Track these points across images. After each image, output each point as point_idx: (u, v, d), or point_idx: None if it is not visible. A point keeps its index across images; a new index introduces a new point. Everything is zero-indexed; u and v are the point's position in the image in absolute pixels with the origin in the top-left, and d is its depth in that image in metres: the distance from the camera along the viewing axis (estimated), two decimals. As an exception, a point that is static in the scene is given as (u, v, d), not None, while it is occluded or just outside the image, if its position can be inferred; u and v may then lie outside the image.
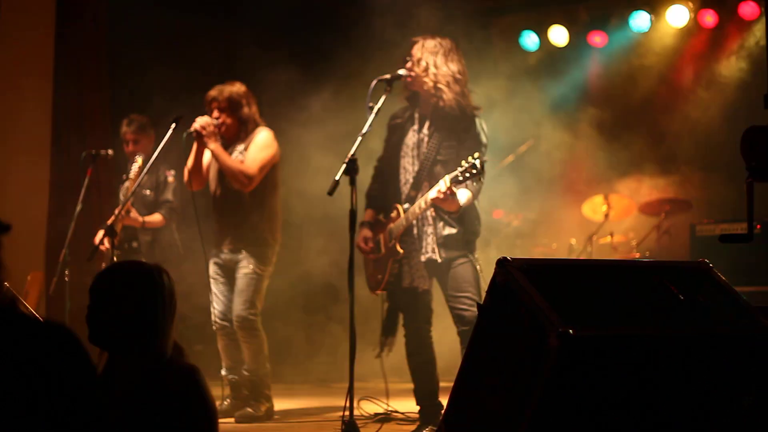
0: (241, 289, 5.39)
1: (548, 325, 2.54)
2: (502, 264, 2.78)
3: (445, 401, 3.16)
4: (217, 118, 5.41)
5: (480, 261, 4.71)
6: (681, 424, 2.75)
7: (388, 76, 4.67)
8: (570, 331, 2.49)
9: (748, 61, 7.72)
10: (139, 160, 5.99)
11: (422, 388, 4.78)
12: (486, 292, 2.85)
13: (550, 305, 2.59)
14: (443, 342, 4.99)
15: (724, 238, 2.91)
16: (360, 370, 4.29)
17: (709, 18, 7.74)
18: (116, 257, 5.54)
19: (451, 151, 4.61)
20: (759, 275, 6.56)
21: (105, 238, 5.57)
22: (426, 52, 4.71)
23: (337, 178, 4.29)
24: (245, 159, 5.39)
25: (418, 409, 4.82)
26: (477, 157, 4.23)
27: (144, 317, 2.57)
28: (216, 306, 5.48)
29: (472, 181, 4.28)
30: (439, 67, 4.67)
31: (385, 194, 4.84)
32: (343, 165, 4.29)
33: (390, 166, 4.84)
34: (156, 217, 6.26)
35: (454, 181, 4.28)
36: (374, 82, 4.62)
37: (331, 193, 4.32)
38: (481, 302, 4.41)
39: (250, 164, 5.36)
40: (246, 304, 5.36)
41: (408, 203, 4.65)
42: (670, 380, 2.71)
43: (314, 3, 8.48)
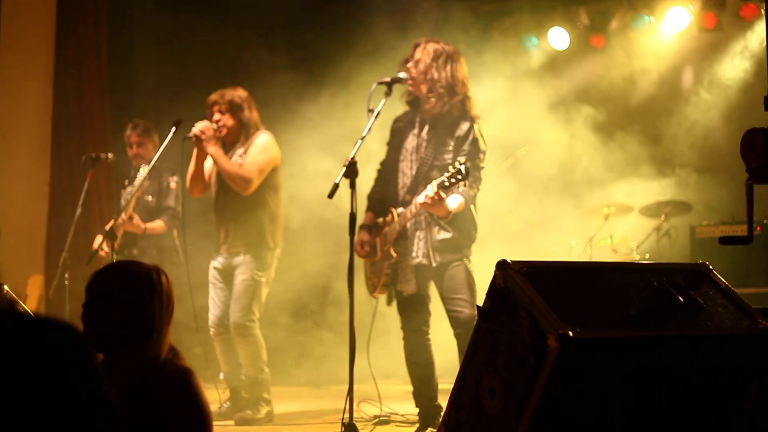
0: (237, 296, 5.37)
1: (548, 326, 2.54)
2: (502, 266, 2.78)
3: (444, 403, 3.16)
4: (217, 122, 5.41)
5: (479, 263, 4.71)
6: (681, 426, 2.75)
7: (389, 80, 4.67)
8: (569, 333, 2.49)
9: (749, 63, 7.73)
10: (145, 169, 5.98)
11: (421, 391, 4.78)
12: (486, 294, 2.85)
13: (549, 307, 2.59)
14: (442, 344, 4.98)
15: (724, 240, 2.90)
16: (358, 372, 4.28)
17: (709, 20, 7.75)
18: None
19: (449, 156, 4.61)
20: (759, 277, 6.57)
21: (104, 242, 5.57)
22: (427, 55, 4.70)
23: (337, 181, 4.29)
24: (244, 162, 5.39)
25: (417, 412, 4.81)
26: (463, 163, 4.23)
27: (140, 318, 2.54)
28: (212, 311, 5.46)
29: (461, 186, 4.27)
30: (439, 72, 4.66)
31: (384, 197, 4.85)
32: (343, 168, 4.30)
33: (390, 169, 4.84)
34: (158, 224, 6.26)
35: (440, 187, 4.28)
36: (374, 86, 4.62)
37: (331, 196, 4.33)
38: (476, 304, 4.46)
39: (248, 167, 5.36)
40: (243, 311, 5.34)
41: (403, 207, 4.65)
42: (669, 382, 2.71)
43: (312, 5, 8.49)
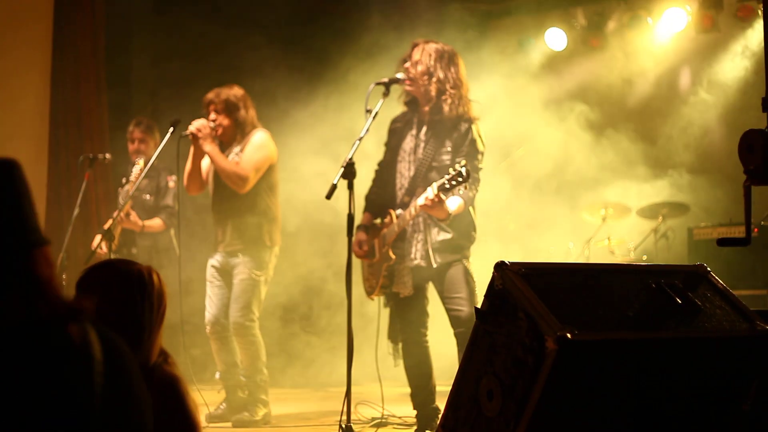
0: (237, 295, 5.37)
1: (546, 328, 2.53)
2: (500, 267, 2.77)
3: (442, 405, 3.15)
4: (213, 120, 5.41)
5: (477, 264, 4.70)
6: (679, 428, 2.75)
7: (386, 80, 4.66)
8: (568, 335, 2.48)
9: (746, 63, 7.73)
10: (140, 163, 6.00)
11: (419, 393, 4.77)
12: (484, 295, 2.85)
13: (548, 309, 2.59)
14: (440, 346, 4.97)
15: (722, 242, 2.90)
16: (355, 374, 4.27)
17: (706, 20, 7.75)
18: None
19: (447, 157, 4.60)
20: (756, 279, 6.57)
21: (102, 242, 5.57)
22: (426, 56, 4.69)
23: (335, 181, 4.29)
24: (240, 160, 5.39)
25: (415, 414, 4.80)
26: (463, 165, 4.22)
27: (129, 318, 2.42)
28: (209, 309, 5.45)
29: (461, 188, 4.27)
30: (438, 73, 4.65)
31: (382, 198, 4.84)
32: (341, 169, 4.29)
33: (388, 170, 4.83)
34: (156, 222, 6.26)
35: (440, 189, 4.27)
36: (372, 86, 4.61)
37: (329, 197, 4.32)
38: (474, 303, 4.45)
39: (245, 165, 5.35)
40: (242, 311, 5.34)
41: (401, 209, 4.64)
42: (668, 384, 2.71)
43: (309, 5, 8.48)
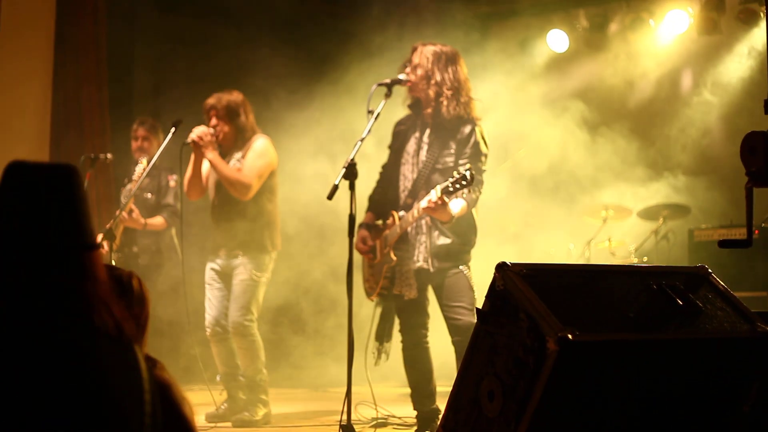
0: (237, 295, 5.37)
1: (547, 329, 2.53)
2: (502, 268, 2.77)
3: (442, 406, 3.15)
4: (214, 126, 5.42)
5: (477, 266, 4.70)
6: (680, 429, 2.75)
7: (388, 81, 4.66)
8: (569, 336, 2.48)
9: (748, 65, 7.73)
10: (143, 162, 6.02)
11: (419, 393, 4.77)
12: (485, 296, 2.85)
13: (549, 309, 2.59)
14: (441, 347, 4.97)
15: (724, 244, 2.90)
16: (356, 375, 4.27)
17: (708, 22, 7.75)
18: (115, 261, 5.54)
19: (450, 159, 4.60)
20: (757, 281, 6.57)
21: (103, 241, 5.57)
22: (424, 59, 4.69)
23: (336, 182, 4.29)
24: (242, 167, 5.40)
25: (415, 414, 4.81)
26: (468, 168, 4.21)
27: None
28: (209, 311, 5.46)
29: (465, 191, 4.26)
30: (438, 75, 4.65)
31: (385, 200, 4.84)
32: (343, 169, 4.29)
33: (391, 172, 4.83)
34: (158, 220, 6.29)
35: (444, 192, 4.27)
36: (374, 87, 4.61)
37: (330, 197, 4.33)
38: (473, 312, 4.45)
39: (247, 173, 5.37)
40: (242, 311, 5.35)
41: (404, 210, 4.64)
42: (669, 385, 2.71)
43: (311, 7, 8.48)
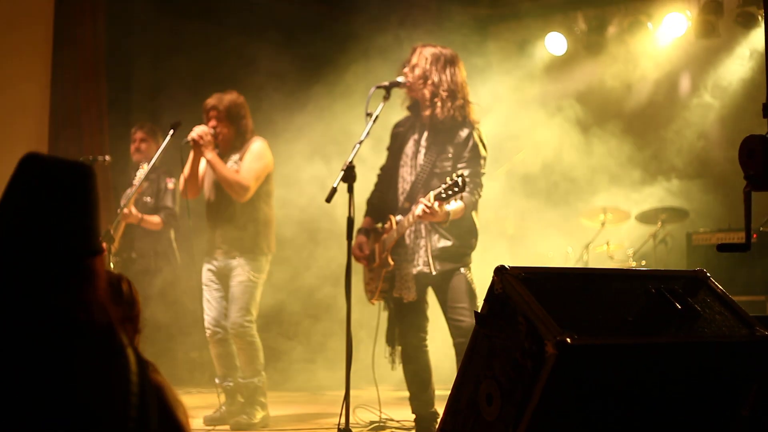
0: (236, 297, 5.38)
1: (546, 332, 2.53)
2: (500, 272, 2.77)
3: (441, 409, 3.15)
4: (214, 127, 5.42)
5: (477, 269, 4.70)
6: (678, 433, 2.75)
7: (387, 83, 4.66)
8: (567, 340, 2.48)
9: (749, 67, 7.73)
10: (145, 167, 6.02)
11: (418, 397, 4.76)
12: (484, 299, 2.84)
13: (547, 313, 2.59)
14: (440, 350, 4.97)
15: (722, 248, 2.90)
16: (353, 378, 4.26)
17: (706, 25, 7.75)
18: (113, 264, 5.53)
19: (448, 164, 4.59)
20: (755, 285, 6.57)
21: (102, 244, 5.58)
22: (424, 59, 4.68)
23: (335, 185, 4.28)
24: (241, 169, 5.41)
25: (413, 418, 4.80)
26: (460, 175, 4.21)
27: None
28: (209, 312, 5.47)
29: (457, 198, 4.26)
30: (435, 75, 4.64)
31: (384, 203, 4.83)
32: (341, 172, 4.29)
33: (390, 174, 4.83)
34: (154, 219, 6.31)
35: (437, 198, 4.27)
36: (372, 90, 4.61)
37: (329, 200, 4.32)
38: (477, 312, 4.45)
39: (246, 175, 5.38)
40: (241, 311, 5.36)
41: (402, 214, 4.63)
42: (667, 389, 2.71)
43: (309, 9, 8.47)
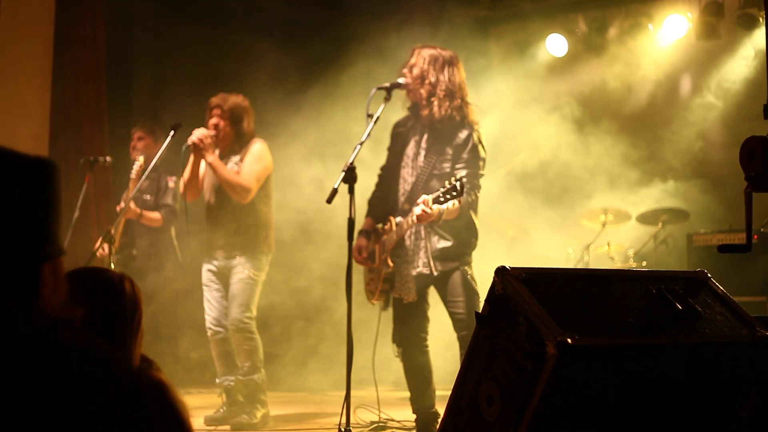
0: (237, 294, 5.41)
1: (546, 333, 2.53)
2: (501, 272, 2.77)
3: (441, 410, 3.15)
4: (216, 125, 5.44)
5: (478, 270, 4.70)
6: (679, 433, 2.75)
7: (387, 85, 4.66)
8: (568, 340, 2.48)
9: (751, 69, 7.73)
10: (140, 160, 6.02)
11: (418, 397, 4.77)
12: (484, 300, 2.85)
13: (548, 314, 2.59)
14: (440, 351, 4.97)
15: (723, 248, 2.90)
16: (354, 378, 4.27)
17: (707, 27, 7.75)
18: (114, 263, 5.54)
19: (447, 165, 4.60)
20: (756, 285, 6.57)
21: (103, 244, 5.58)
22: (423, 60, 4.69)
23: (336, 186, 4.29)
24: (241, 171, 5.43)
25: (414, 418, 4.80)
26: (458, 179, 4.22)
27: (102, 328, 2.32)
28: (210, 312, 5.49)
29: (455, 201, 4.27)
30: (433, 76, 4.64)
31: (385, 203, 4.84)
32: (342, 173, 4.29)
33: (391, 175, 4.83)
34: (155, 215, 6.32)
35: (435, 202, 4.28)
36: (373, 91, 4.61)
37: (329, 201, 4.32)
38: (476, 308, 4.45)
39: (247, 177, 5.41)
40: (242, 308, 5.39)
41: (402, 216, 4.64)
42: (668, 390, 2.71)
43: (309, 11, 8.47)
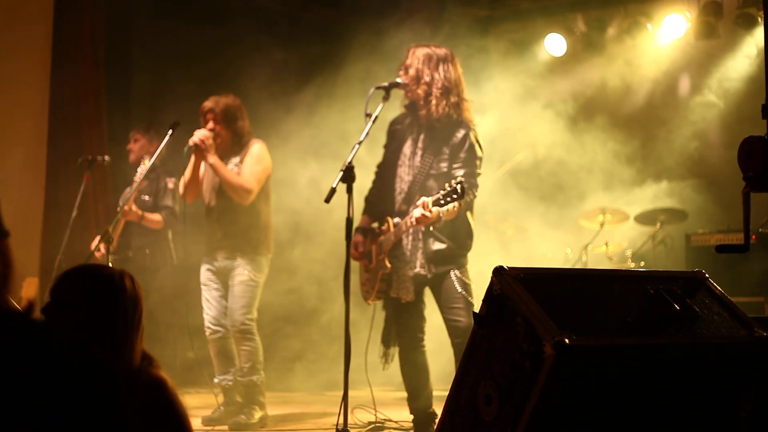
0: (238, 296, 5.41)
1: (544, 333, 2.53)
2: (499, 272, 2.77)
3: (439, 410, 3.15)
4: (211, 129, 5.43)
5: (475, 270, 4.69)
6: (677, 434, 2.74)
7: (386, 84, 4.66)
8: (566, 340, 2.48)
9: (751, 68, 7.72)
10: (146, 163, 6.03)
11: (415, 397, 4.77)
12: (482, 300, 2.84)
13: (546, 314, 2.58)
14: (438, 351, 4.97)
15: (721, 249, 2.90)
16: (351, 378, 4.26)
17: (706, 26, 7.75)
18: (111, 263, 5.53)
19: (444, 165, 4.59)
20: (754, 286, 6.57)
21: (101, 243, 5.58)
22: (417, 59, 4.68)
23: (334, 185, 4.28)
24: (242, 172, 5.43)
25: (411, 418, 4.80)
26: (459, 182, 4.22)
27: (103, 325, 2.37)
28: (208, 311, 5.50)
29: (455, 204, 4.26)
30: (428, 75, 4.63)
31: (381, 201, 4.83)
32: (340, 172, 4.29)
33: (388, 173, 4.83)
34: (156, 216, 6.32)
35: (435, 204, 4.28)
36: (372, 90, 4.61)
37: (328, 201, 4.32)
38: (470, 317, 4.45)
39: (248, 178, 5.42)
40: (243, 310, 5.40)
41: (399, 216, 4.63)
42: (666, 390, 2.71)
43: (309, 10, 8.47)
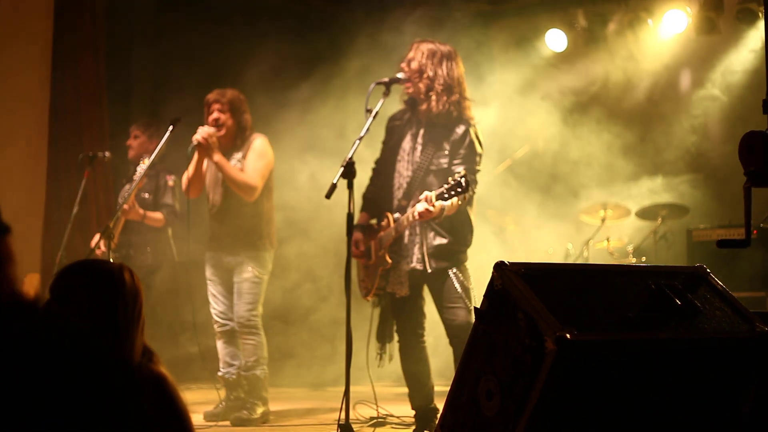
0: (244, 292, 5.45)
1: (546, 328, 2.53)
2: (500, 267, 2.77)
3: (440, 405, 3.15)
4: (216, 120, 5.43)
5: (475, 265, 4.69)
6: (678, 429, 2.75)
7: (387, 80, 4.65)
8: (567, 335, 2.48)
9: (746, 65, 7.72)
10: (146, 162, 6.02)
11: (417, 393, 4.77)
12: (483, 295, 2.84)
13: (547, 309, 2.58)
14: (439, 346, 4.97)
15: (722, 243, 2.90)
16: (353, 374, 4.26)
17: (707, 22, 7.73)
18: (112, 260, 5.53)
19: (444, 161, 4.58)
20: (755, 281, 6.57)
21: (101, 240, 5.58)
22: (421, 54, 4.68)
23: (334, 181, 4.28)
24: (245, 168, 5.44)
25: (413, 414, 4.80)
26: (463, 176, 4.21)
27: (104, 319, 2.36)
28: (216, 306, 5.55)
29: (459, 198, 4.25)
30: (431, 70, 4.63)
31: (380, 198, 4.82)
32: (341, 168, 4.29)
33: (386, 168, 4.82)
34: (157, 215, 6.31)
35: (439, 198, 4.27)
36: (372, 86, 4.60)
37: (328, 197, 4.32)
38: (470, 311, 4.45)
39: (253, 174, 5.43)
40: (249, 306, 5.44)
41: (398, 212, 4.63)
42: (667, 385, 2.71)
43: (310, 7, 8.46)
